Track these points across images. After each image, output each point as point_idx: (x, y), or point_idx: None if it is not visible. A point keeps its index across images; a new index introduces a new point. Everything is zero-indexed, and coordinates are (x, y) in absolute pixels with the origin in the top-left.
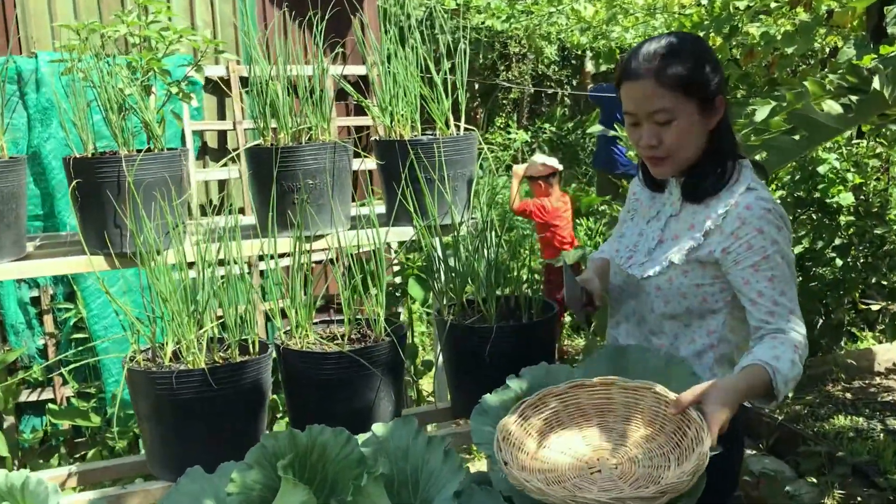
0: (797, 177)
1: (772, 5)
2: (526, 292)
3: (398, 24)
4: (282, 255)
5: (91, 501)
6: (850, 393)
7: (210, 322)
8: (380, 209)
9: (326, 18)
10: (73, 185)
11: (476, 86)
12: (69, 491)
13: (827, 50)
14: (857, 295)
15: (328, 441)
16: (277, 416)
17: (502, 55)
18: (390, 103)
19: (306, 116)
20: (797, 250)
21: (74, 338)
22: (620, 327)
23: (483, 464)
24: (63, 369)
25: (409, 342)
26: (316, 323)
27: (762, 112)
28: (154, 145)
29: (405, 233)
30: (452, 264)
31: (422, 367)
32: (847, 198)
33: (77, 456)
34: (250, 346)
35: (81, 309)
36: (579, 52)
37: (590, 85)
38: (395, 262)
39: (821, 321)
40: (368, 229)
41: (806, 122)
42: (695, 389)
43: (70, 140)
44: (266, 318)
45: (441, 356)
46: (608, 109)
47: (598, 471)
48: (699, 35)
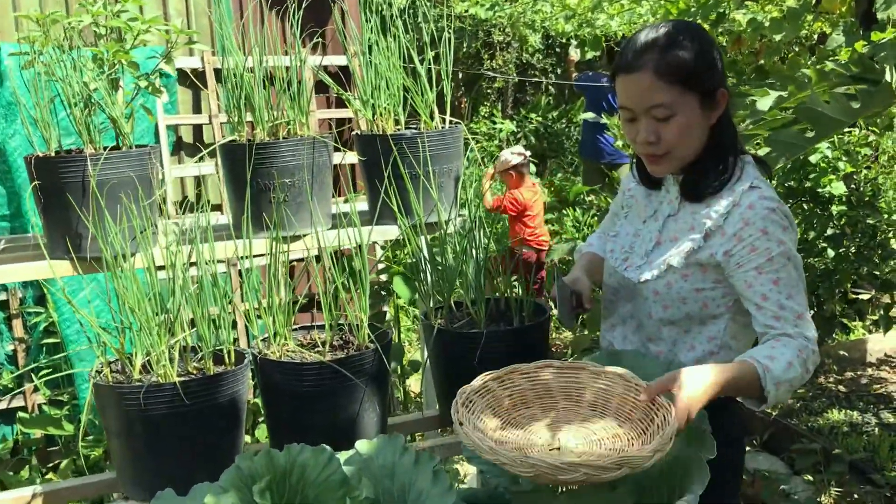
0: (788, 166)
1: None
2: (517, 294)
3: (380, 13)
4: (260, 255)
5: None
6: (843, 385)
7: (182, 331)
8: (364, 206)
9: (305, 6)
10: (35, 186)
11: (460, 75)
12: None
13: (815, 37)
14: (849, 285)
15: (308, 461)
16: (259, 421)
17: (486, 44)
18: (372, 96)
19: (284, 110)
20: None
21: (45, 343)
22: (616, 330)
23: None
24: (34, 376)
25: (395, 341)
26: (296, 329)
27: (763, 102)
28: (122, 143)
29: (390, 231)
30: (440, 264)
31: (409, 368)
32: (839, 187)
33: (50, 465)
34: (225, 356)
35: (52, 313)
36: (564, 41)
37: (574, 74)
38: (381, 260)
39: (812, 313)
40: (351, 228)
41: (810, 115)
42: (667, 376)
43: (33, 137)
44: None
45: (428, 361)
46: (593, 98)
47: (558, 448)
48: (698, 24)
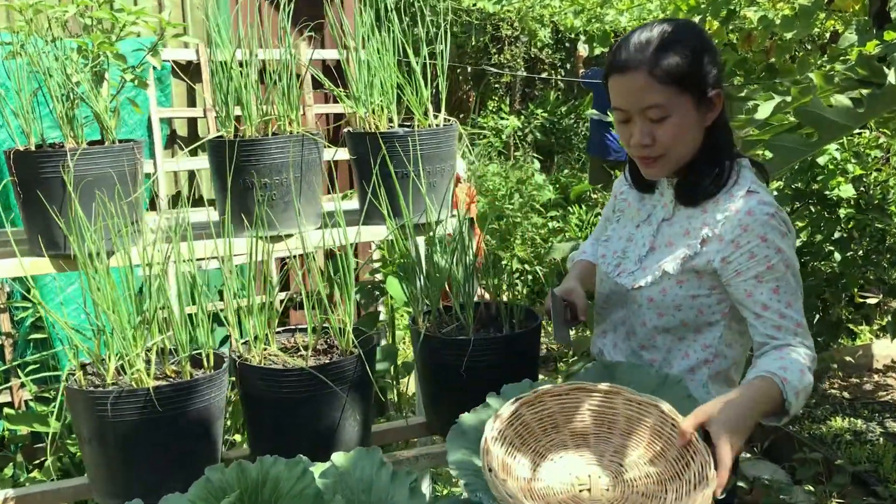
0: (795, 167)
1: None
2: (509, 298)
3: (375, 7)
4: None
5: None
6: (848, 392)
7: (159, 333)
8: (355, 205)
9: None
10: (15, 181)
11: (469, 69)
12: None
13: (827, 35)
14: (856, 290)
15: (281, 474)
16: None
17: (494, 38)
18: (364, 92)
19: (274, 105)
20: None
21: (33, 338)
22: (607, 337)
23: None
24: (20, 372)
25: (390, 342)
26: (281, 331)
27: (765, 108)
28: (105, 137)
29: (379, 232)
30: (429, 267)
31: (403, 369)
32: (847, 190)
33: (36, 462)
34: (204, 360)
35: (40, 308)
36: (573, 36)
37: (582, 70)
38: (372, 260)
39: (818, 317)
40: (336, 229)
41: (813, 119)
42: (699, 414)
43: (13, 131)
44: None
45: (415, 367)
46: (601, 95)
47: (588, 489)
48: (695, 22)
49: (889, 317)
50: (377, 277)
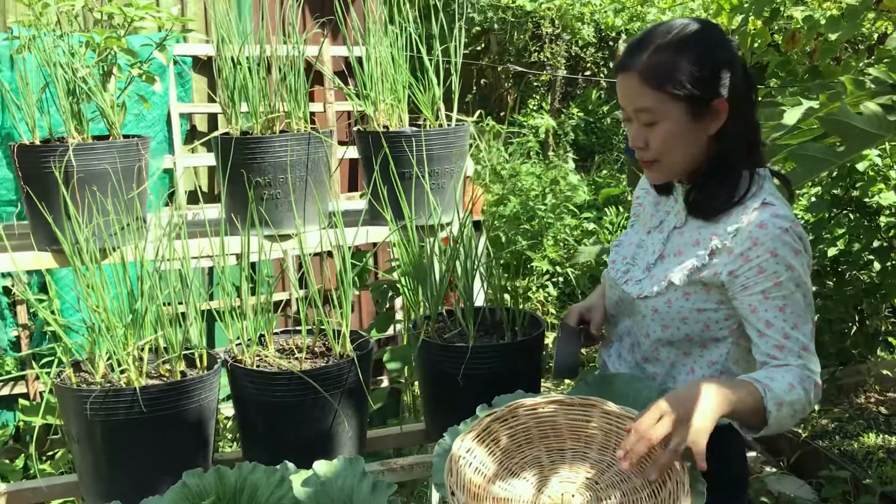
0: (834, 173)
1: None
2: (518, 305)
3: (388, 2)
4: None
5: None
6: (885, 406)
7: (152, 333)
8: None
9: None
10: (19, 175)
11: (512, 68)
12: None
13: (875, 36)
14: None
15: (259, 481)
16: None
17: (535, 36)
18: (372, 90)
19: (283, 102)
20: (831, 252)
21: (48, 330)
22: (613, 347)
23: None
24: (35, 364)
25: (405, 342)
26: (280, 332)
27: (792, 115)
28: (110, 132)
29: (382, 233)
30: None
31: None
32: (888, 197)
33: (51, 454)
34: (197, 360)
35: (55, 300)
36: (614, 35)
37: None
38: (394, 259)
39: (854, 328)
40: (349, 228)
41: (840, 127)
42: (658, 405)
43: (18, 125)
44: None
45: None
46: None
47: None
48: (709, 26)
49: None
50: (395, 276)
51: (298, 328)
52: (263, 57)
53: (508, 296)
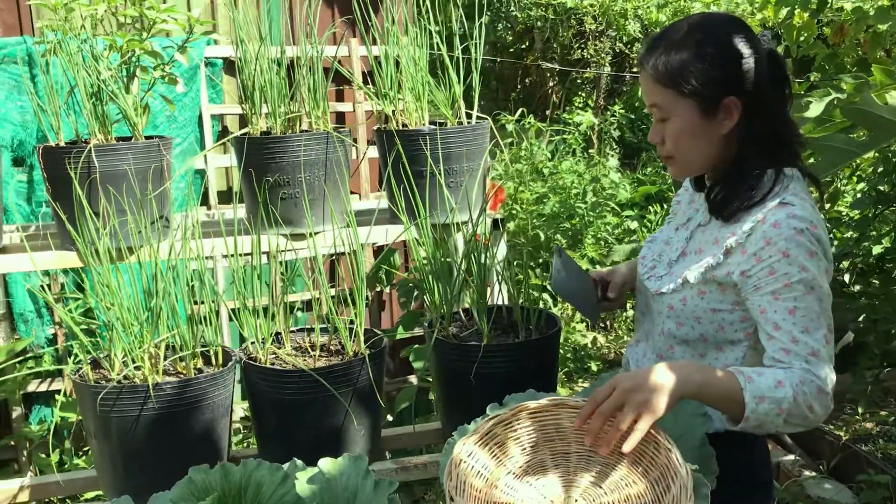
0: (881, 169)
1: None
2: (532, 302)
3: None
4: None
5: None
6: None
7: (168, 330)
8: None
9: None
10: (45, 176)
11: (557, 66)
12: None
13: None
14: None
15: (264, 478)
16: None
17: (578, 33)
18: (391, 88)
19: (303, 102)
20: (877, 250)
21: (83, 328)
22: (639, 346)
23: None
24: (70, 360)
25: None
26: (296, 331)
27: (817, 106)
28: (133, 134)
29: (400, 232)
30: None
31: None
32: None
33: (86, 449)
34: (212, 357)
35: (89, 298)
36: (659, 31)
37: None
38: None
39: None
40: (375, 226)
41: (865, 118)
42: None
43: (44, 126)
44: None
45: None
46: None
47: None
48: (728, 21)
49: None
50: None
51: (310, 327)
52: (284, 57)
53: (525, 294)
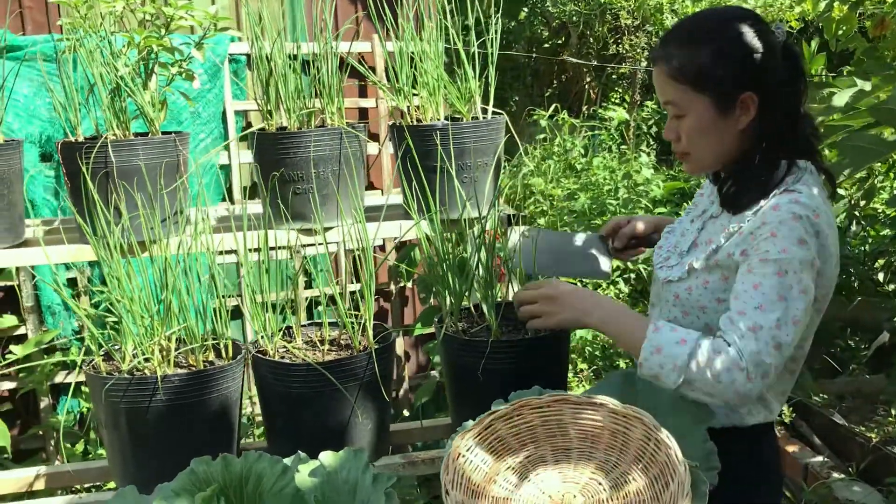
0: None
1: None
2: None
3: None
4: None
5: None
6: None
7: (177, 324)
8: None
9: None
10: (64, 171)
11: (593, 61)
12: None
13: None
14: None
15: (264, 471)
16: None
17: (614, 28)
18: (406, 83)
19: (318, 98)
20: None
21: (109, 321)
22: None
23: None
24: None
25: None
26: (308, 325)
27: (841, 97)
28: (149, 130)
29: (418, 227)
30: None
31: None
32: None
33: None
34: (223, 350)
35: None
36: None
37: None
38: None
39: None
40: (387, 222)
41: (888, 116)
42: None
43: (64, 123)
44: (251, 315)
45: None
46: None
47: None
48: (751, 14)
49: None
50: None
51: (331, 321)
52: (300, 52)
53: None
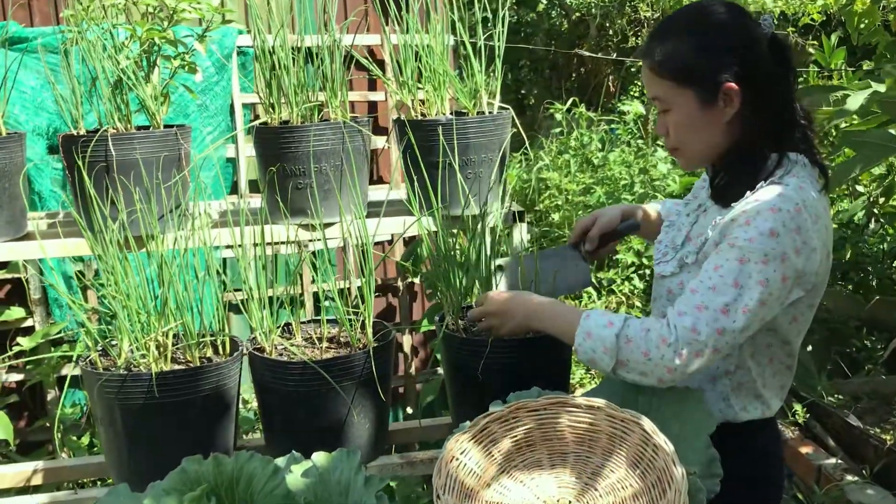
0: None
1: None
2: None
3: None
4: (284, 243)
5: None
6: None
7: (174, 320)
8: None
9: None
10: (65, 164)
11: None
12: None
13: None
14: None
15: (256, 471)
16: None
17: (633, 20)
18: (410, 77)
19: (322, 91)
20: None
21: (106, 316)
22: None
23: None
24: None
25: None
26: (308, 322)
27: (856, 99)
28: (151, 123)
29: (425, 223)
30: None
31: None
32: None
33: None
34: (220, 347)
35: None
36: None
37: None
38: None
39: None
40: (392, 217)
41: None
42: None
43: (66, 116)
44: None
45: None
46: None
47: None
48: (731, 5)
49: None
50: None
51: (330, 318)
52: (303, 46)
53: None
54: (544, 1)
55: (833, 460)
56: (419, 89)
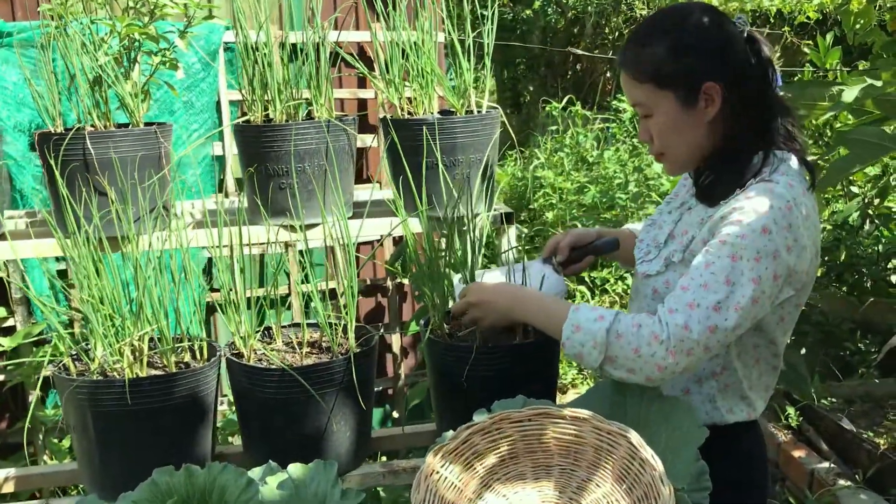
0: None
1: None
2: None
3: None
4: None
5: None
6: None
7: (149, 325)
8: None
9: None
10: (42, 163)
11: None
12: None
13: None
14: None
15: (228, 483)
16: None
17: (629, 19)
18: (397, 75)
19: (308, 88)
20: None
21: (79, 319)
22: None
23: None
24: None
25: None
26: (289, 326)
27: (849, 93)
28: (130, 120)
29: (411, 224)
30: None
31: None
32: None
33: None
34: (197, 352)
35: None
36: None
37: None
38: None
39: None
40: (378, 218)
41: (894, 107)
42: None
43: (43, 113)
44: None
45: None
46: None
47: None
48: (705, 6)
49: None
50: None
51: (312, 322)
52: (287, 42)
53: None
54: None
55: (826, 464)
56: (406, 87)
